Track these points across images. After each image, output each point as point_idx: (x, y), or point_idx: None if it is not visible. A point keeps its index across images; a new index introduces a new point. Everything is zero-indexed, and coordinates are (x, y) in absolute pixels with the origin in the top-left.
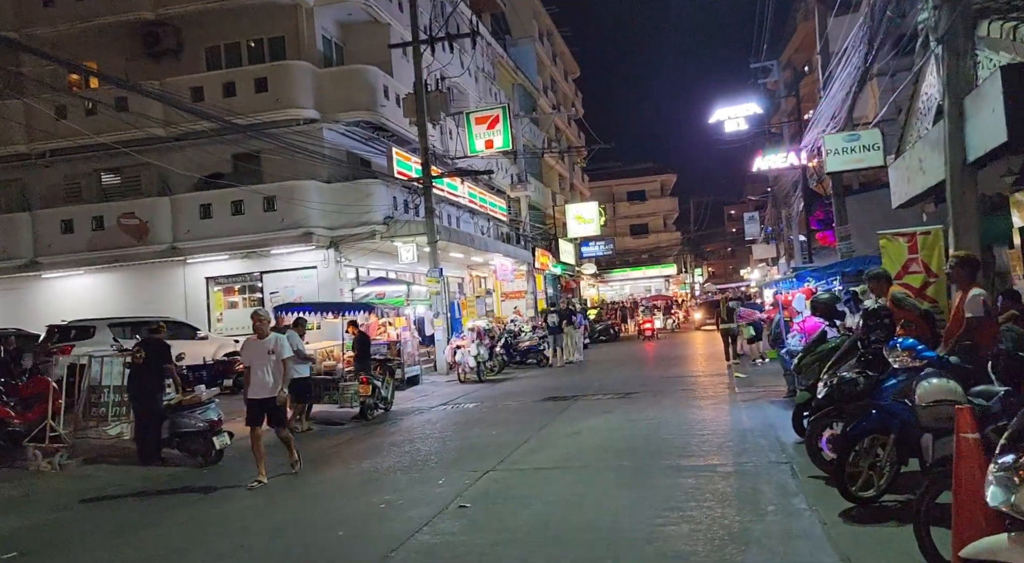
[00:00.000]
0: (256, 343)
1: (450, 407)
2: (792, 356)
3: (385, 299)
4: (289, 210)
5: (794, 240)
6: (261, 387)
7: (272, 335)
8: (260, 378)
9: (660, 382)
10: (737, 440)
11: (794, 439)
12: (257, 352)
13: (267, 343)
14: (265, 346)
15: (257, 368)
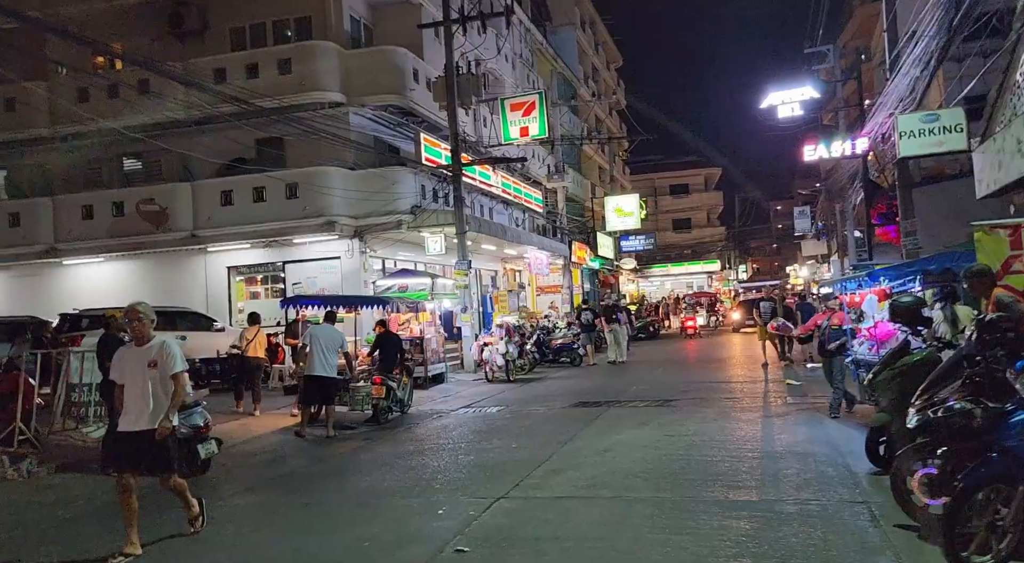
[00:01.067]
0: (132, 352)
1: (472, 411)
2: (859, 366)
3: (408, 292)
4: (312, 198)
5: (849, 236)
6: (137, 415)
7: (156, 340)
8: (135, 402)
9: (702, 387)
10: (797, 467)
11: (868, 469)
12: (133, 364)
13: (147, 352)
14: (144, 356)
15: (132, 387)
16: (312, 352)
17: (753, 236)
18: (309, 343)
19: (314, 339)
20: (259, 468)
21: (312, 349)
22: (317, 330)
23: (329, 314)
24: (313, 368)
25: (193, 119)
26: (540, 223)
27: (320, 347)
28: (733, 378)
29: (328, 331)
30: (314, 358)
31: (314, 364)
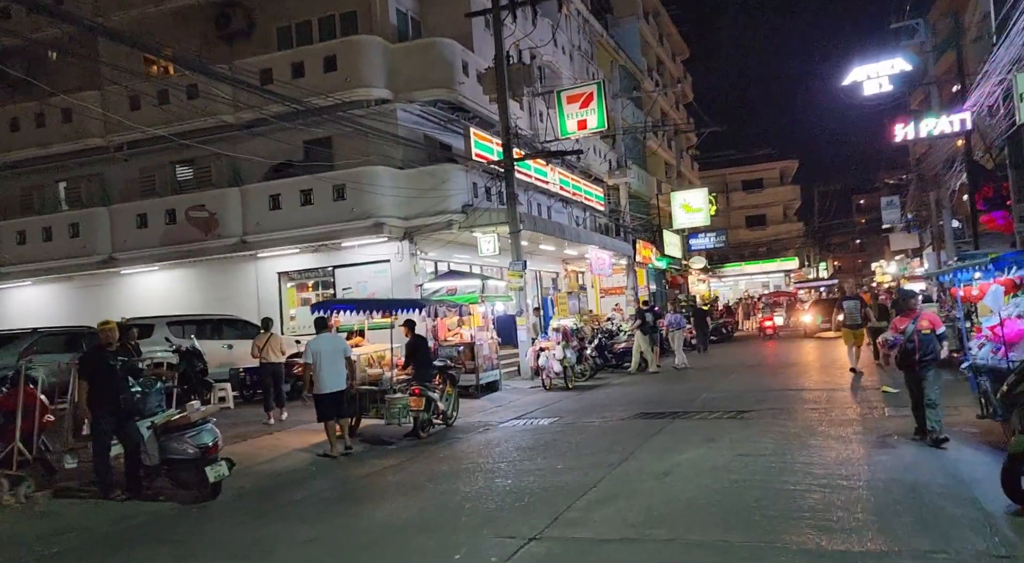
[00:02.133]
0: None
1: (522, 423)
2: (980, 374)
3: (457, 295)
4: (359, 199)
5: (946, 226)
6: None
7: None
8: None
9: (781, 396)
10: (908, 502)
11: (1006, 507)
12: None
13: None
14: None
15: None
16: (318, 368)
17: (834, 231)
18: (312, 360)
19: (317, 354)
20: (275, 492)
21: (317, 365)
22: (317, 344)
23: (319, 321)
24: (323, 385)
25: (242, 122)
26: (602, 222)
27: (326, 361)
28: (817, 385)
29: (329, 341)
30: (322, 373)
31: (323, 381)
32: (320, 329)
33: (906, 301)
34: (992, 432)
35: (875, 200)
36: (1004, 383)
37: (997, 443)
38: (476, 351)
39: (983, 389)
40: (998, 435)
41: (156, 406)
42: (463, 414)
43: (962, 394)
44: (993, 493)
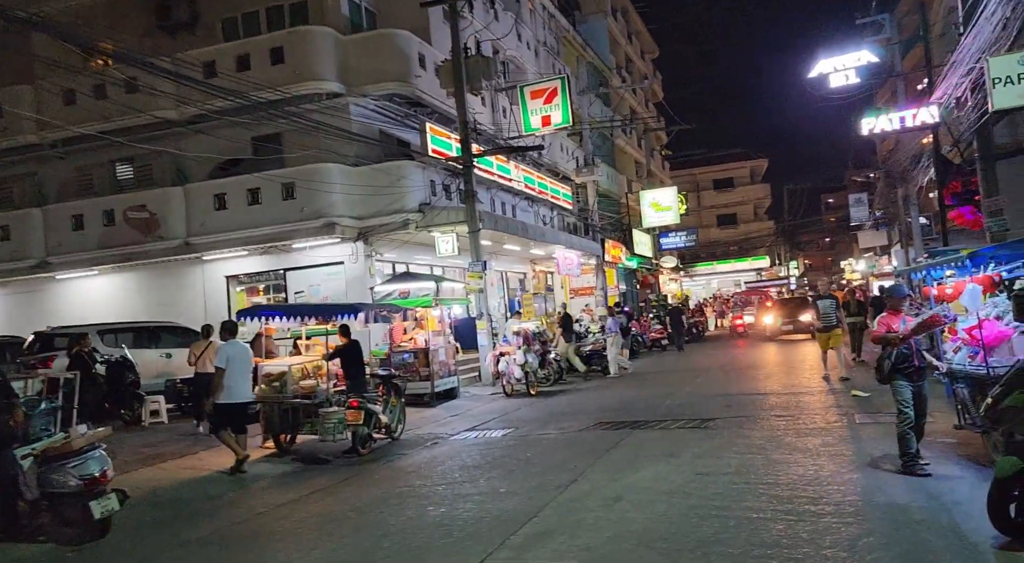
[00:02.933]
0: None
1: (474, 436)
2: (956, 380)
3: (410, 298)
4: (309, 198)
5: (914, 223)
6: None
7: None
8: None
9: (748, 402)
10: (884, 530)
11: (993, 538)
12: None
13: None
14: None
15: None
16: (232, 374)
17: (804, 230)
18: (225, 365)
19: (232, 360)
20: (179, 526)
21: (232, 371)
22: (232, 349)
23: (228, 326)
24: (234, 394)
25: (185, 118)
26: (570, 221)
27: (238, 368)
28: (785, 388)
29: (243, 349)
30: (233, 381)
31: (234, 389)
32: (228, 335)
33: (892, 298)
34: (971, 443)
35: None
36: (988, 394)
37: (977, 457)
38: (431, 357)
39: (960, 397)
40: (977, 447)
41: (41, 430)
42: (414, 425)
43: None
44: (978, 518)
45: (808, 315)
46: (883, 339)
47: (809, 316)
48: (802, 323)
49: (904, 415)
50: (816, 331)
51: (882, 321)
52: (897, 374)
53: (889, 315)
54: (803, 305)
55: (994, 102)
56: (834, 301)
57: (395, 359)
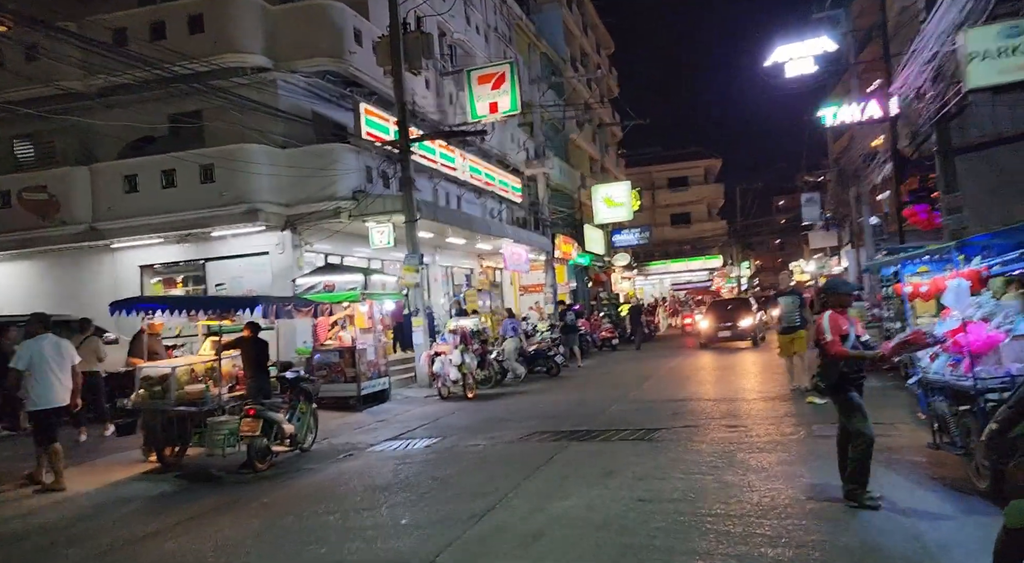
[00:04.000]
0: None
1: (395, 446)
2: (933, 392)
3: (336, 292)
4: (230, 181)
5: (866, 223)
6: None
7: None
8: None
9: (698, 409)
10: None
11: None
12: None
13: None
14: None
15: None
16: (43, 375)
17: (755, 230)
18: (25, 366)
19: (41, 358)
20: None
21: (40, 372)
22: (39, 344)
23: (40, 318)
24: (50, 397)
25: (93, 91)
26: (520, 215)
27: (51, 368)
28: (737, 393)
29: (55, 345)
30: (47, 382)
31: (50, 391)
32: (40, 328)
33: (840, 294)
34: (943, 463)
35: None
36: (993, 420)
37: (954, 481)
38: (358, 356)
39: (938, 413)
40: (952, 468)
41: None
42: (333, 432)
43: (894, 406)
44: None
45: (748, 319)
46: (858, 356)
47: (749, 320)
48: (741, 329)
49: (864, 436)
50: (778, 333)
51: (833, 324)
52: (849, 385)
53: (835, 315)
54: (742, 308)
55: (969, 80)
56: (798, 298)
57: (318, 358)
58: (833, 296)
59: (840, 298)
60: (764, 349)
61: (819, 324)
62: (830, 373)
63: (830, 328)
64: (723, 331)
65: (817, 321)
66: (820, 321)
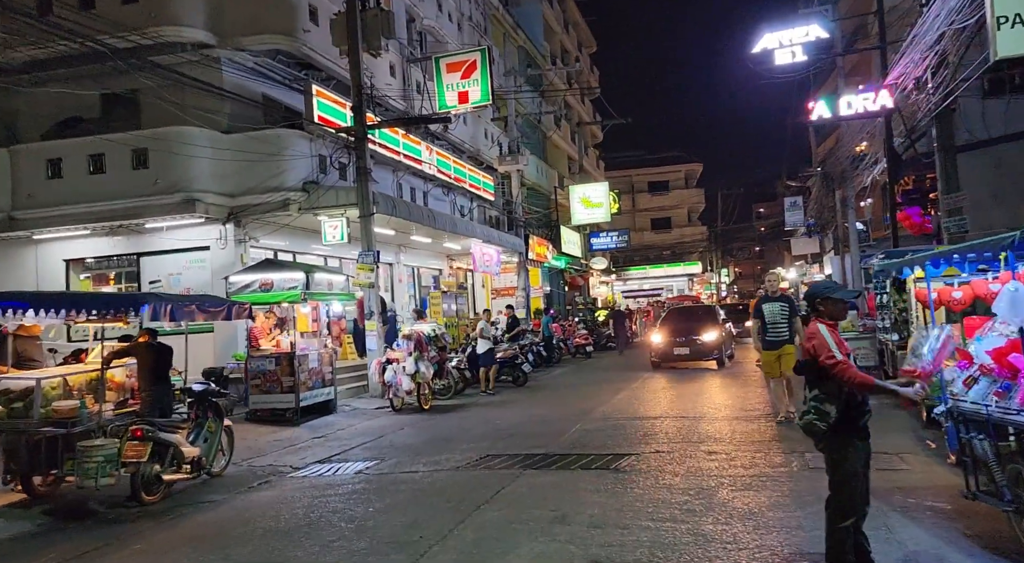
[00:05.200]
0: None
1: (323, 471)
2: (967, 426)
3: (273, 292)
4: (165, 167)
5: (851, 227)
6: None
7: None
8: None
9: (673, 430)
10: None
11: None
12: None
13: None
14: None
15: None
16: None
17: (736, 236)
18: None
19: None
20: None
21: None
22: None
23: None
24: None
25: (13, 65)
26: (492, 214)
27: None
28: (718, 410)
29: None
30: None
31: None
32: None
33: (836, 301)
34: (974, 513)
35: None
36: None
37: (994, 539)
38: (297, 364)
39: (974, 454)
40: (992, 524)
41: None
42: (258, 451)
43: (895, 429)
44: None
45: (713, 333)
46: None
47: (714, 334)
48: (703, 345)
49: (845, 514)
50: (761, 348)
51: (837, 340)
52: (850, 429)
53: (831, 329)
54: (705, 318)
55: (997, 48)
56: (787, 305)
57: (252, 366)
58: (828, 304)
59: (836, 307)
60: (734, 369)
61: (816, 339)
62: (831, 408)
63: (836, 345)
64: (680, 347)
65: (810, 334)
66: (815, 335)
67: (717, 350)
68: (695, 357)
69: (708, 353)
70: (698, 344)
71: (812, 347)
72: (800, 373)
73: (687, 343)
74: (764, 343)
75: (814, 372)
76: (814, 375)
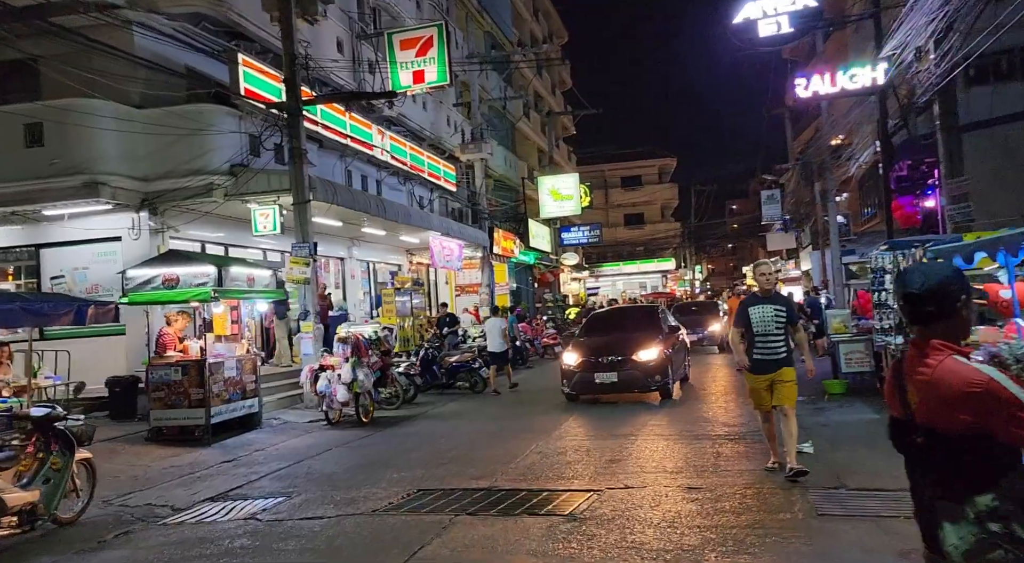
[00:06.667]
0: None
1: (206, 515)
2: None
3: (179, 289)
4: (64, 145)
5: (831, 221)
6: None
7: None
8: None
9: (646, 454)
10: None
11: None
12: None
13: None
14: None
15: None
16: None
17: (710, 232)
18: None
19: None
20: None
21: None
22: None
23: None
24: None
25: None
26: (455, 206)
27: None
28: (698, 429)
29: None
30: None
31: None
32: None
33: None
34: None
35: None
36: None
37: None
38: (208, 373)
39: None
40: None
41: None
42: (144, 483)
43: None
44: None
45: (651, 349)
46: None
47: (653, 351)
48: (638, 367)
49: None
50: (746, 370)
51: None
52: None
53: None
54: (645, 325)
55: None
56: (784, 309)
57: (154, 376)
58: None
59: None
60: (685, 405)
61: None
62: None
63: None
64: (602, 373)
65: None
66: (980, 381)
67: (657, 375)
68: (624, 388)
69: (642, 381)
70: (630, 368)
71: (978, 407)
72: (904, 449)
73: (613, 365)
74: (752, 363)
75: (966, 450)
76: (966, 457)
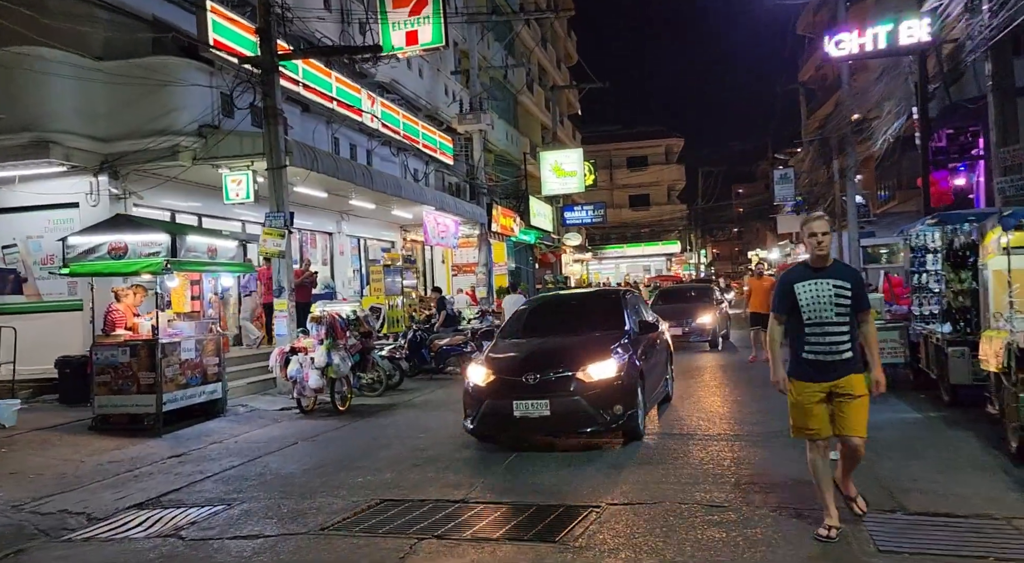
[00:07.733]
0: None
1: (123, 532)
2: None
3: (127, 260)
4: (12, 99)
5: (849, 202)
6: None
7: None
8: None
9: (647, 458)
10: None
11: None
12: None
13: None
14: None
15: None
16: None
17: (716, 216)
18: None
19: None
20: None
21: None
22: None
23: None
24: None
25: None
26: (453, 180)
27: None
28: (709, 427)
29: None
30: None
31: None
32: None
33: None
34: None
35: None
36: None
37: None
38: (160, 355)
39: None
40: None
41: None
42: (70, 484)
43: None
44: None
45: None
46: None
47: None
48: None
49: None
50: (793, 381)
51: None
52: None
53: None
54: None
55: None
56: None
57: (99, 357)
58: None
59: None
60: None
61: None
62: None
63: None
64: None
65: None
66: None
67: (621, 402)
68: (564, 424)
69: (594, 413)
70: (572, 392)
71: None
72: None
73: (544, 387)
74: (797, 365)
75: None
76: None
